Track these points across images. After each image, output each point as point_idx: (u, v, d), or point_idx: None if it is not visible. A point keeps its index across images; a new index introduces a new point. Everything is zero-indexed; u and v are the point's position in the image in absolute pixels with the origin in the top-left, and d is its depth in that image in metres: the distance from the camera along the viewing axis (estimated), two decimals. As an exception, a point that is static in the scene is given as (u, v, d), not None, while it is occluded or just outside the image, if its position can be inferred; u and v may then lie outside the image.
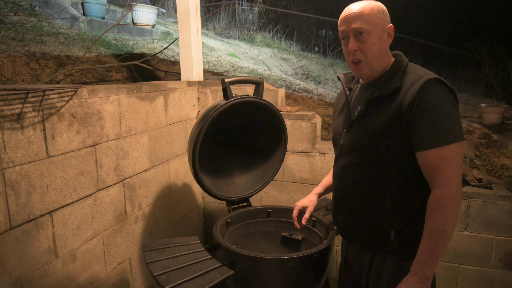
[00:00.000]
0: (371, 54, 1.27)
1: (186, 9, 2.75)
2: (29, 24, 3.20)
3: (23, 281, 1.44)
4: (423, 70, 1.26)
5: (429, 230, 1.16)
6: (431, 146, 1.15)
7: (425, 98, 1.16)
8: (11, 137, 1.37)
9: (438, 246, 1.14)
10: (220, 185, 2.14)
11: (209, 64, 4.46)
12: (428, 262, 1.15)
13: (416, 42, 9.49)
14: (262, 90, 2.02)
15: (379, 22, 1.25)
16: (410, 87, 1.20)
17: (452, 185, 1.14)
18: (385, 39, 1.28)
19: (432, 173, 1.17)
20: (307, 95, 4.02)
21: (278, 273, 1.59)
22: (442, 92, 1.19)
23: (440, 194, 1.15)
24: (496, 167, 2.70)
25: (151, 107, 2.24)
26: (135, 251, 2.16)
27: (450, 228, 1.14)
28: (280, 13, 9.64)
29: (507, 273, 2.30)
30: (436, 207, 1.15)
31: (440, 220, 1.14)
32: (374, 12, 1.25)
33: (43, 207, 1.52)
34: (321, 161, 2.61)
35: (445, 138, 1.14)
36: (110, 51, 3.50)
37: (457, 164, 1.15)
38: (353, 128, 1.36)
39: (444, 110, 1.16)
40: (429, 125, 1.16)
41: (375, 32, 1.25)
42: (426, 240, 1.16)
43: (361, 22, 1.24)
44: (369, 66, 1.29)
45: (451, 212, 1.14)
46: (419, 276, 1.16)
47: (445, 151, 1.14)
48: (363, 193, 1.34)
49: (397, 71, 1.28)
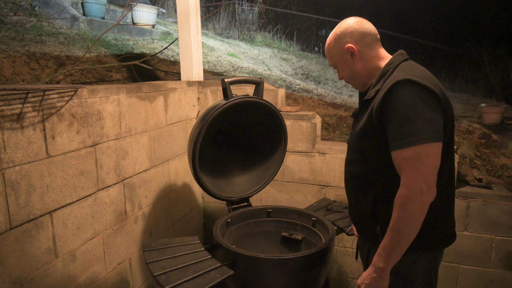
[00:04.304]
0: (347, 78, 1.44)
1: (186, 9, 2.75)
2: (29, 24, 3.20)
3: (23, 281, 1.44)
4: (406, 71, 1.24)
5: (390, 226, 1.19)
6: (396, 147, 1.17)
7: (392, 100, 1.18)
8: (11, 137, 1.37)
9: (394, 243, 1.18)
10: (220, 185, 2.14)
11: (209, 64, 4.46)
12: (383, 255, 1.20)
13: (416, 42, 9.48)
14: (262, 90, 2.02)
15: (337, 52, 1.39)
16: (383, 89, 1.23)
17: (413, 186, 1.14)
18: (349, 61, 1.38)
19: (399, 172, 1.20)
20: (307, 95, 4.02)
21: (278, 273, 1.59)
22: (411, 93, 1.17)
23: (401, 194, 1.16)
24: (496, 167, 2.70)
25: (151, 107, 2.24)
26: (135, 251, 2.16)
27: (406, 228, 1.15)
28: (280, 13, 9.63)
29: (507, 273, 2.30)
30: (396, 206, 1.18)
31: (396, 219, 1.17)
32: (331, 46, 1.40)
33: (43, 207, 1.52)
34: (321, 161, 2.61)
35: (408, 139, 1.14)
36: (110, 51, 3.51)
37: (421, 166, 1.14)
38: (353, 128, 1.47)
39: (412, 111, 1.15)
40: (395, 126, 1.17)
41: (338, 62, 1.41)
42: (386, 234, 1.20)
43: (329, 59, 1.44)
44: (353, 83, 1.45)
45: (408, 212, 1.14)
46: (375, 267, 1.23)
47: (409, 152, 1.14)
48: (355, 189, 1.43)
49: (385, 74, 1.31)
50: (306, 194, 2.70)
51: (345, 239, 2.54)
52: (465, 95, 5.92)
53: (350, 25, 1.36)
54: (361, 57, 1.36)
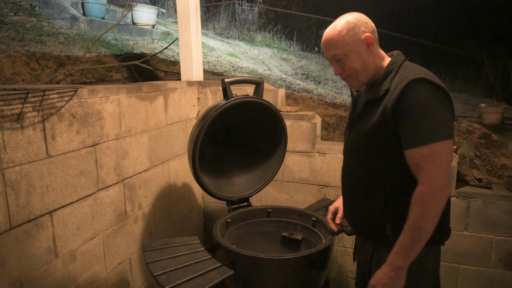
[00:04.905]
0: (355, 71, 1.34)
1: (186, 9, 2.75)
2: (29, 24, 3.20)
3: (23, 281, 1.44)
4: (414, 70, 1.27)
5: (408, 223, 1.20)
6: (414, 145, 1.19)
7: (408, 99, 1.19)
8: (11, 137, 1.37)
9: (414, 240, 1.19)
10: (220, 185, 2.14)
11: (209, 64, 4.46)
12: (402, 253, 1.21)
13: (416, 42, 9.47)
14: (262, 90, 2.02)
15: (351, 41, 1.30)
16: (395, 88, 1.23)
17: (433, 182, 1.16)
18: (364, 52, 1.32)
19: (416, 170, 1.21)
20: (307, 95, 4.02)
21: (278, 273, 1.59)
22: (426, 91, 1.20)
23: (421, 191, 1.18)
24: (496, 167, 2.70)
25: (151, 107, 2.24)
26: (135, 251, 2.16)
27: (428, 224, 1.18)
28: (280, 13, 9.63)
29: (507, 273, 2.30)
30: (416, 203, 1.19)
31: (418, 216, 1.18)
32: (343, 34, 1.30)
33: (43, 207, 1.52)
34: (321, 161, 2.62)
35: (426, 137, 1.16)
36: (110, 51, 3.50)
37: (440, 163, 1.17)
38: (353, 128, 1.43)
39: (427, 109, 1.18)
40: (412, 125, 1.19)
41: (350, 52, 1.31)
42: (404, 232, 1.21)
43: (334, 49, 1.32)
44: (355, 79, 1.37)
45: (430, 209, 1.17)
46: (393, 266, 1.22)
47: (427, 149, 1.17)
48: (360, 190, 1.40)
49: (390, 73, 1.31)
50: (306, 194, 2.70)
51: (345, 239, 2.54)
52: (465, 95, 5.92)
53: (362, 16, 1.33)
54: (372, 51, 1.34)
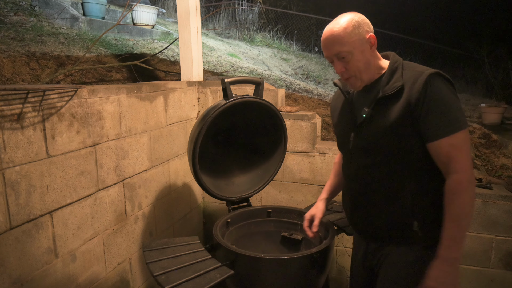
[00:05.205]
0: (358, 70, 1.33)
1: (186, 9, 2.75)
2: (29, 24, 3.21)
3: (23, 281, 1.44)
4: (420, 66, 1.33)
5: (452, 214, 1.23)
6: (442, 136, 1.22)
7: (430, 92, 1.23)
8: (11, 137, 1.37)
9: (462, 228, 1.22)
10: (220, 185, 2.14)
11: (209, 64, 4.46)
12: (454, 245, 1.23)
13: (416, 42, 9.48)
14: (262, 90, 2.02)
15: (356, 39, 1.29)
16: (414, 83, 1.26)
17: (467, 169, 1.22)
18: (367, 51, 1.32)
19: (446, 161, 1.24)
20: (307, 95, 4.02)
21: (278, 273, 1.59)
22: (443, 85, 1.26)
23: (458, 179, 1.22)
24: (496, 167, 2.70)
25: (151, 107, 2.24)
26: (135, 251, 2.16)
27: (471, 209, 1.23)
28: (280, 13, 9.64)
29: (507, 273, 2.30)
30: (456, 192, 1.22)
31: (461, 204, 1.22)
32: (349, 31, 1.28)
33: (43, 207, 1.52)
34: (321, 161, 2.61)
35: (453, 127, 1.22)
36: (110, 51, 3.51)
37: (467, 150, 1.24)
38: (363, 130, 1.39)
39: (448, 101, 1.23)
40: (437, 116, 1.23)
41: (355, 50, 1.29)
42: (449, 224, 1.23)
43: (339, 46, 1.29)
44: (358, 79, 1.36)
45: (470, 194, 1.22)
46: (448, 259, 1.23)
47: (455, 139, 1.22)
48: (382, 191, 1.37)
49: (396, 70, 1.33)
50: (306, 194, 2.70)
51: (345, 239, 2.54)
52: (465, 95, 5.93)
53: (363, 16, 1.34)
54: (373, 51, 1.36)
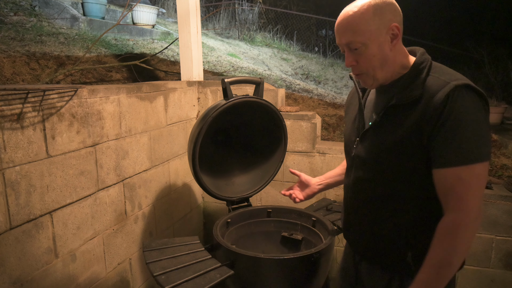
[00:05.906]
0: (371, 66, 1.09)
1: (186, 9, 2.75)
2: (29, 24, 3.20)
3: (23, 281, 1.44)
4: (450, 73, 1.07)
5: (434, 258, 1.02)
6: (449, 165, 0.99)
7: (450, 110, 0.98)
8: (11, 137, 1.37)
9: (440, 278, 1.01)
10: (220, 185, 2.14)
11: (209, 64, 4.46)
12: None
13: (416, 42, 9.47)
14: (262, 90, 2.01)
15: (375, 28, 1.04)
16: (434, 95, 1.02)
17: (469, 211, 0.99)
18: (387, 45, 1.07)
19: (448, 194, 1.02)
20: (307, 95, 4.02)
21: (278, 273, 1.59)
22: (471, 102, 1.00)
23: (454, 220, 1.00)
24: (496, 167, 2.70)
25: (151, 107, 2.24)
26: (135, 251, 2.16)
27: (459, 259, 1.01)
28: (280, 13, 9.64)
29: (507, 273, 2.30)
30: (446, 234, 1.01)
31: (449, 249, 1.00)
32: (367, 18, 1.04)
33: (43, 207, 1.52)
34: (321, 161, 2.61)
35: (467, 157, 0.98)
36: (110, 51, 3.51)
37: (478, 188, 1.00)
38: (367, 138, 1.19)
39: (471, 124, 0.98)
40: (451, 140, 0.99)
41: (371, 41, 1.05)
42: (428, 268, 1.03)
43: (352, 35, 1.06)
44: (371, 77, 1.12)
45: (463, 242, 1.00)
46: None
47: (465, 171, 0.98)
48: (376, 212, 1.19)
49: (419, 74, 1.08)
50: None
51: (345, 239, 2.54)
52: (465, 95, 5.91)
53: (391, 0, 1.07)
54: (395, 45, 1.09)
